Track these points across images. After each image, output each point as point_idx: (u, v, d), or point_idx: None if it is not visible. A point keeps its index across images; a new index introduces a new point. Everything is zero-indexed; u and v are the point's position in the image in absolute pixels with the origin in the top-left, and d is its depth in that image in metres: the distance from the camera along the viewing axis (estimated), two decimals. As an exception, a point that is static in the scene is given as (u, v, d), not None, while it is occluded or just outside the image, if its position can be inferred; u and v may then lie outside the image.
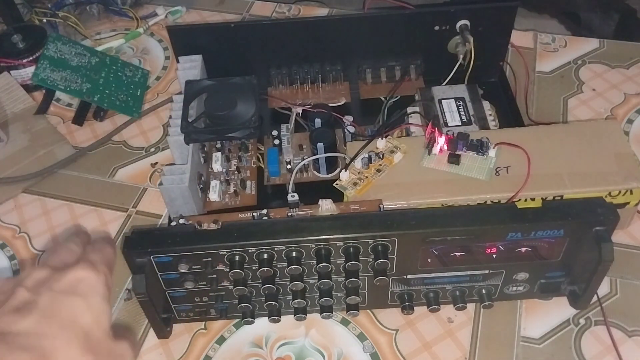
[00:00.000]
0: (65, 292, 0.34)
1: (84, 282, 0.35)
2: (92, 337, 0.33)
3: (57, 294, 0.33)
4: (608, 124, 0.57)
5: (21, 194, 0.64)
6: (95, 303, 0.34)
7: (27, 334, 0.31)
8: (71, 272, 0.35)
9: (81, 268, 0.35)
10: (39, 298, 0.33)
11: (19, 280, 0.34)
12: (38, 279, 0.34)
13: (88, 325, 0.33)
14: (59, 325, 0.32)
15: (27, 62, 0.73)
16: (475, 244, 0.46)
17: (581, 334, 0.50)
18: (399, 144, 0.55)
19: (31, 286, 0.33)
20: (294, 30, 0.66)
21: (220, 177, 0.59)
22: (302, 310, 0.50)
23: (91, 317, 0.33)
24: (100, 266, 0.36)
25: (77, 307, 0.33)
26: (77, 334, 0.32)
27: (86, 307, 0.34)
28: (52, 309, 0.32)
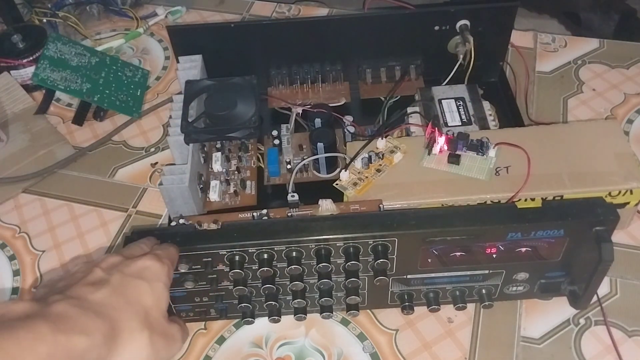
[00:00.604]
0: (133, 275, 0.39)
1: (150, 270, 0.40)
2: (151, 316, 0.38)
3: (127, 276, 0.38)
4: (608, 124, 0.57)
5: (21, 194, 0.64)
6: (157, 288, 0.39)
7: (99, 304, 0.36)
8: (140, 261, 0.40)
9: (148, 258, 0.41)
10: (111, 277, 0.38)
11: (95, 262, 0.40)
12: (111, 263, 0.40)
13: (149, 305, 0.38)
14: (125, 301, 0.37)
15: (27, 62, 0.73)
16: (475, 244, 0.46)
17: (581, 334, 0.50)
18: (399, 144, 0.55)
19: (105, 267, 0.39)
20: (294, 30, 0.66)
21: (220, 177, 0.59)
22: (302, 310, 0.50)
23: (152, 299, 0.39)
24: (165, 259, 0.41)
25: (141, 289, 0.38)
26: (139, 311, 0.37)
27: (149, 290, 0.39)
28: (121, 287, 0.37)
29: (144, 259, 0.40)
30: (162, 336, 0.39)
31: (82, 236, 0.60)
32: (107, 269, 0.39)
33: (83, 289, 0.37)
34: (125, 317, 0.36)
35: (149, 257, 0.41)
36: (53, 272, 0.57)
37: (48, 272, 0.57)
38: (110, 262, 0.40)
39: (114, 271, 0.39)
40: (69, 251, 0.59)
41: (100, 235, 0.60)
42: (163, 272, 0.40)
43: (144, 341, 0.37)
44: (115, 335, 0.35)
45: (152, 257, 0.41)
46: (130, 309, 0.37)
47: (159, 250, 0.42)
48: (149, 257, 0.41)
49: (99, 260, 0.40)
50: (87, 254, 0.58)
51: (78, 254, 0.58)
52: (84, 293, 0.36)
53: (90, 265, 0.40)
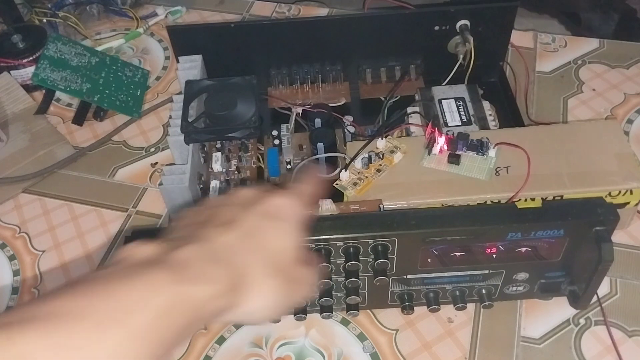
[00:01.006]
0: (265, 215, 0.36)
1: (285, 208, 0.37)
2: (281, 261, 0.35)
3: (259, 216, 0.35)
4: (608, 124, 0.57)
5: (21, 194, 0.64)
6: (291, 228, 0.36)
7: (227, 248, 0.33)
8: (275, 198, 0.37)
9: (285, 196, 0.37)
10: (242, 216, 0.35)
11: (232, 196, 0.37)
12: (245, 198, 0.37)
13: (280, 248, 0.35)
14: (255, 245, 0.34)
15: (27, 62, 0.73)
16: (475, 244, 0.46)
17: (581, 334, 0.50)
18: (399, 144, 0.55)
19: (239, 204, 0.36)
20: (294, 30, 0.66)
21: (220, 177, 0.59)
22: (302, 310, 0.50)
23: (283, 242, 0.36)
24: (302, 196, 0.38)
25: (274, 230, 0.35)
26: (269, 255, 0.34)
27: (281, 232, 0.36)
28: (252, 229, 0.35)
29: (279, 197, 0.37)
30: (293, 282, 0.36)
31: (82, 236, 0.60)
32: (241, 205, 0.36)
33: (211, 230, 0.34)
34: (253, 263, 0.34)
35: (286, 194, 0.37)
36: (53, 272, 0.57)
37: (48, 272, 0.57)
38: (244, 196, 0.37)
39: (247, 210, 0.36)
40: (69, 251, 0.59)
41: (100, 235, 0.60)
42: (297, 211, 0.37)
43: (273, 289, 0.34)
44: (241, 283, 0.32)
45: (289, 194, 0.38)
46: (258, 253, 0.34)
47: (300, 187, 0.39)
48: (286, 194, 0.37)
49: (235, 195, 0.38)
50: (87, 255, 0.58)
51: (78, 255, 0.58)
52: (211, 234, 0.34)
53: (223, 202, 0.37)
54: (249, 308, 0.33)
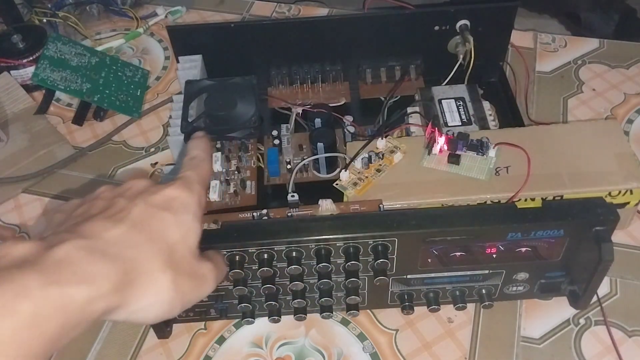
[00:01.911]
0: (158, 206, 0.34)
1: (178, 200, 0.35)
2: (177, 254, 0.33)
3: (150, 207, 0.34)
4: (608, 124, 0.57)
5: (21, 194, 0.64)
6: (185, 220, 0.34)
7: (114, 242, 0.31)
8: (167, 189, 0.35)
9: (177, 187, 0.36)
10: (133, 209, 0.33)
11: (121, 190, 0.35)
12: (136, 190, 0.35)
13: (175, 241, 0.33)
14: (147, 238, 0.32)
15: (27, 62, 0.73)
16: (475, 244, 0.46)
17: (581, 334, 0.50)
18: (399, 144, 0.55)
19: (129, 196, 0.34)
20: (294, 30, 0.66)
21: (220, 177, 0.59)
22: (302, 310, 0.50)
23: (179, 233, 0.34)
24: (195, 185, 0.37)
25: (167, 222, 0.33)
26: (162, 248, 0.33)
27: (176, 223, 0.34)
28: (144, 221, 0.33)
29: (171, 187, 0.35)
30: (189, 276, 0.34)
31: (82, 236, 0.60)
32: (131, 198, 0.34)
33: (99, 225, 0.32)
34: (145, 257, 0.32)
35: (177, 185, 0.36)
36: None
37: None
38: (135, 189, 0.35)
39: (138, 201, 0.34)
40: (69, 251, 0.58)
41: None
42: (192, 201, 0.35)
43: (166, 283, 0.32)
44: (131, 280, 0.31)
45: (180, 184, 0.36)
46: (151, 246, 0.32)
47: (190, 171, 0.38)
48: (177, 185, 0.36)
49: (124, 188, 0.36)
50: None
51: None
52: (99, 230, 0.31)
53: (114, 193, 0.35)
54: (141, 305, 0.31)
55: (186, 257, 0.34)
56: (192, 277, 0.34)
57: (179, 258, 0.33)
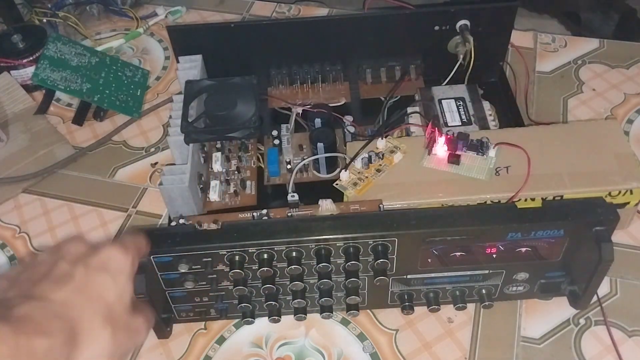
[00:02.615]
0: (97, 268, 0.38)
1: (114, 261, 0.39)
2: (114, 312, 0.37)
3: (91, 270, 0.38)
4: (608, 124, 0.57)
5: (21, 194, 0.64)
6: (120, 281, 0.38)
7: (62, 303, 0.35)
8: (105, 250, 0.39)
9: (113, 247, 0.39)
10: (75, 271, 0.37)
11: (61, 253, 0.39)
12: (76, 254, 0.39)
13: (112, 300, 0.38)
14: (87, 299, 0.36)
15: (27, 62, 0.73)
16: (475, 244, 0.46)
17: (581, 334, 0.50)
18: (399, 144, 0.55)
19: (70, 260, 0.38)
20: (294, 30, 0.66)
21: (220, 177, 0.59)
22: (302, 310, 0.50)
23: (115, 293, 0.38)
24: (130, 248, 0.40)
25: (105, 283, 0.38)
26: (101, 308, 0.37)
27: (113, 284, 0.38)
28: (85, 283, 0.37)
29: (108, 249, 0.39)
30: (125, 330, 0.38)
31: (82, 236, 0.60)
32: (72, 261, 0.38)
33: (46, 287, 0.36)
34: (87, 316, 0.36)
35: (113, 247, 0.40)
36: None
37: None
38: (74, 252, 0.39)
39: (79, 264, 0.38)
40: (69, 251, 0.58)
41: (100, 235, 0.60)
42: (127, 263, 0.39)
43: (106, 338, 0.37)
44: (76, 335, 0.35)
45: (116, 246, 0.40)
46: (92, 306, 0.37)
47: (125, 237, 0.42)
48: (113, 247, 0.40)
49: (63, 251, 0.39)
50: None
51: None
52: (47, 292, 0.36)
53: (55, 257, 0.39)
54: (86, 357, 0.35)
55: (122, 314, 0.38)
56: (127, 330, 0.39)
57: (116, 316, 0.38)
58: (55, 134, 0.69)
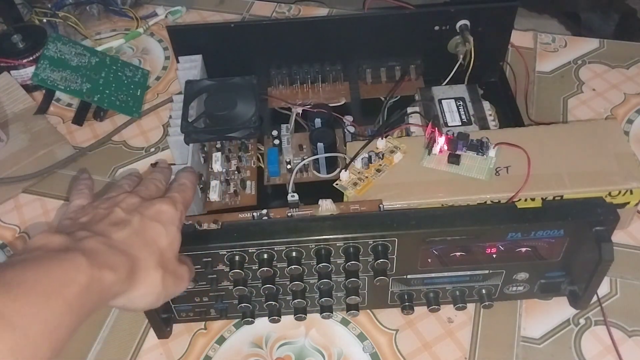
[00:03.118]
0: (151, 218, 0.41)
1: (165, 214, 0.42)
2: (165, 257, 0.41)
3: (145, 218, 0.41)
4: (608, 124, 0.57)
5: (21, 194, 0.64)
6: (171, 231, 0.42)
7: (122, 242, 0.39)
8: (157, 204, 0.42)
9: (165, 203, 0.43)
10: (132, 219, 0.40)
11: (116, 201, 0.42)
12: (131, 204, 0.42)
13: (164, 247, 0.41)
14: (144, 242, 0.40)
15: (27, 62, 0.73)
16: (475, 244, 0.46)
17: (581, 334, 0.50)
18: (399, 144, 0.55)
19: (125, 208, 0.41)
20: (294, 30, 0.66)
21: (220, 177, 0.59)
22: (302, 310, 0.50)
23: (167, 241, 0.41)
24: (179, 204, 0.44)
25: (158, 231, 0.41)
26: (155, 251, 0.40)
27: (165, 233, 0.41)
28: (141, 229, 0.40)
29: (160, 203, 0.42)
30: (173, 275, 0.41)
31: (82, 236, 0.60)
32: (128, 210, 0.41)
33: (107, 228, 0.39)
34: (144, 256, 0.39)
35: (165, 202, 0.43)
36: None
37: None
38: (129, 202, 0.42)
39: (134, 213, 0.41)
40: (69, 251, 0.58)
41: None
42: (177, 216, 0.43)
43: (158, 279, 0.39)
44: (134, 272, 0.38)
45: (168, 201, 0.43)
46: (148, 249, 0.39)
47: (175, 193, 0.45)
48: (165, 202, 0.43)
49: (118, 199, 0.42)
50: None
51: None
52: (109, 232, 0.39)
53: (111, 203, 0.42)
54: (138, 294, 0.39)
55: (172, 260, 0.41)
56: (174, 275, 0.41)
57: (166, 260, 0.41)
58: (55, 134, 0.69)
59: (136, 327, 0.53)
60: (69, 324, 0.33)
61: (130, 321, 0.53)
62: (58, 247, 0.35)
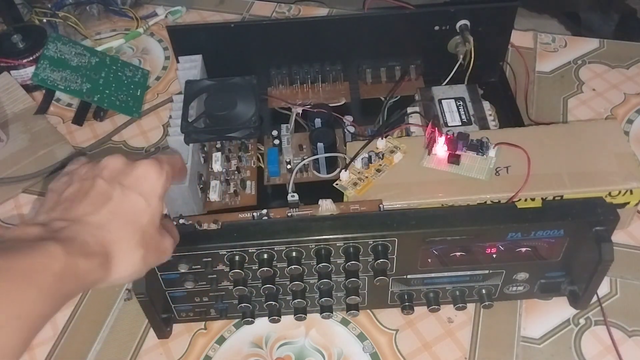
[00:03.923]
0: (131, 188, 0.39)
1: (147, 181, 0.40)
2: (147, 234, 0.39)
3: (126, 190, 0.39)
4: (608, 124, 0.57)
5: (21, 194, 0.64)
6: (153, 202, 0.40)
7: (99, 225, 0.37)
8: (140, 167, 0.40)
9: (148, 164, 0.40)
10: (113, 192, 0.39)
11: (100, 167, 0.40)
12: (114, 170, 0.40)
13: (145, 223, 0.39)
14: (124, 221, 0.38)
15: (27, 62, 0.73)
16: (475, 244, 0.46)
17: (581, 334, 0.50)
18: (399, 144, 0.55)
19: (107, 177, 0.39)
20: (294, 30, 0.66)
21: (220, 177, 0.59)
22: (302, 310, 0.50)
23: (149, 215, 0.39)
24: (165, 165, 0.41)
25: (139, 206, 0.39)
26: (136, 230, 0.39)
27: (146, 206, 0.39)
28: (120, 204, 0.38)
29: (143, 166, 0.40)
30: (155, 251, 0.40)
31: (82, 236, 0.60)
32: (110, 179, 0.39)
33: (86, 209, 0.38)
34: (122, 237, 0.38)
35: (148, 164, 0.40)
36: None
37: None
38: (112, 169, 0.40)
39: (115, 184, 0.39)
40: (69, 251, 0.58)
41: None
42: (159, 183, 0.40)
43: (137, 259, 0.39)
44: (111, 258, 0.37)
45: (152, 162, 0.41)
46: (128, 228, 0.38)
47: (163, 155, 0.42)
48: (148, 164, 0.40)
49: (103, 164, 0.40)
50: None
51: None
52: (87, 215, 0.38)
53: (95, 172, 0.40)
54: (115, 277, 0.38)
55: (153, 235, 0.40)
56: (156, 250, 0.41)
57: (148, 237, 0.39)
58: (55, 134, 0.69)
59: (136, 327, 0.53)
60: (41, 311, 0.33)
61: (130, 321, 0.53)
62: (35, 237, 0.35)
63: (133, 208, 0.39)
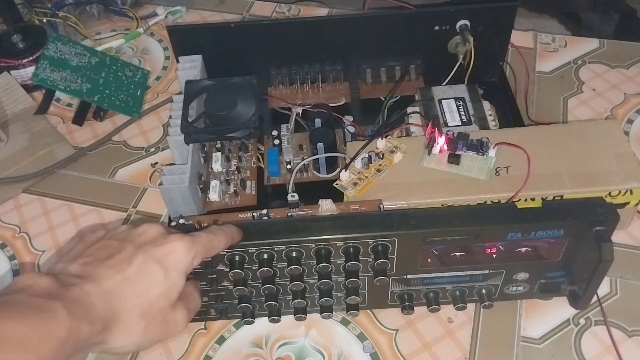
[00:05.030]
0: (155, 258, 0.39)
1: (174, 255, 0.40)
2: (154, 307, 0.39)
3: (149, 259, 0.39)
4: (608, 124, 0.57)
5: (21, 194, 0.64)
6: (171, 277, 0.40)
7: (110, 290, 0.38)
8: (171, 242, 0.40)
9: (180, 241, 0.40)
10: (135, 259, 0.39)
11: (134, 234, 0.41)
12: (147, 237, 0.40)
13: (157, 295, 0.39)
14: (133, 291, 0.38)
15: (27, 62, 0.73)
16: (475, 244, 0.46)
17: (581, 334, 0.50)
18: (399, 144, 0.55)
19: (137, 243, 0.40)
20: (294, 30, 0.66)
21: (220, 177, 0.59)
22: (302, 310, 0.50)
23: (161, 289, 0.39)
24: (197, 246, 0.41)
25: (155, 277, 0.39)
26: (143, 302, 0.39)
27: (163, 279, 0.39)
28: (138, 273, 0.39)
29: (174, 242, 0.40)
30: (161, 324, 0.40)
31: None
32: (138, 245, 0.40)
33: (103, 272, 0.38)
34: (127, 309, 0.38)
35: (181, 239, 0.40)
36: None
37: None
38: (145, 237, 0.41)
39: (140, 251, 0.39)
40: (69, 251, 0.59)
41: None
42: (186, 260, 0.40)
43: (137, 331, 0.39)
44: (112, 325, 0.38)
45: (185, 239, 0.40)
46: (135, 299, 0.38)
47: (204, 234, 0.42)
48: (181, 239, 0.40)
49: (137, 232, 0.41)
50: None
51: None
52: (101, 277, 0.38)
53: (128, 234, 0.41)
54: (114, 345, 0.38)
55: (163, 309, 0.40)
56: (163, 323, 0.40)
57: (155, 311, 0.39)
58: (55, 134, 0.69)
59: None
60: None
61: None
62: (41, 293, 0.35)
63: (149, 278, 0.39)
